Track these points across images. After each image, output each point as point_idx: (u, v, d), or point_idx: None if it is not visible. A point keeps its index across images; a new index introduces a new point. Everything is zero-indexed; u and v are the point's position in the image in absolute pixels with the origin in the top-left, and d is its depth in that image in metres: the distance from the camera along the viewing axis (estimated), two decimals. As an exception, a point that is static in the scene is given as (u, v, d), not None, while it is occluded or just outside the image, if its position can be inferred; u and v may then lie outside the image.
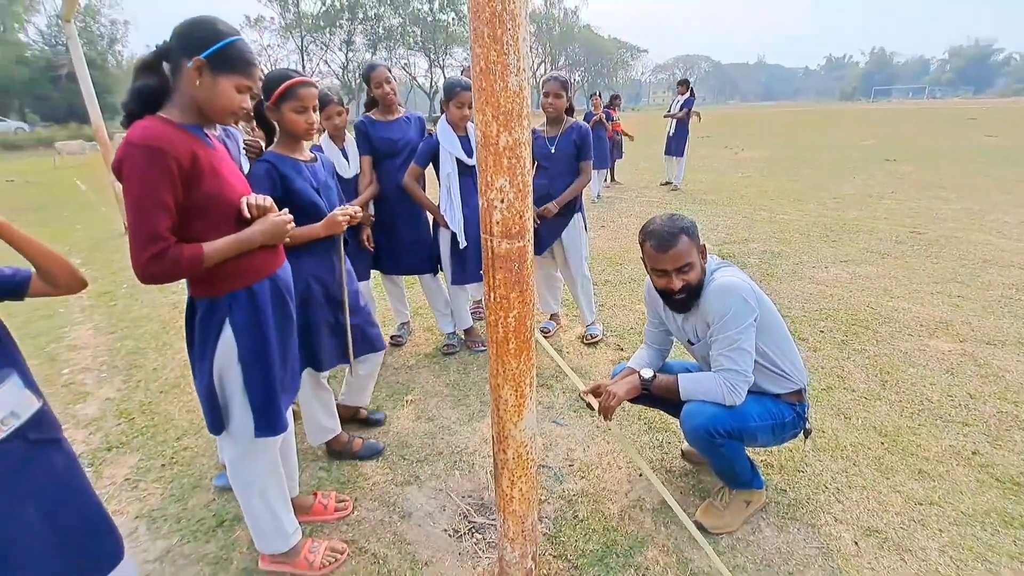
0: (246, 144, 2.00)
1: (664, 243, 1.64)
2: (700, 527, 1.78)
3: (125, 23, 39.28)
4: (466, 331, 3.25)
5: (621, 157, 9.62)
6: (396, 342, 3.33)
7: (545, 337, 3.33)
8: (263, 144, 1.94)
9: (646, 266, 1.75)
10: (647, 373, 1.80)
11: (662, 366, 2.00)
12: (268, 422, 1.45)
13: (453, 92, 2.73)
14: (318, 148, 2.66)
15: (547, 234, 3.10)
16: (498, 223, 1.20)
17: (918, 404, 2.47)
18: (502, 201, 1.18)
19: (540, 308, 3.49)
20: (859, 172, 9.60)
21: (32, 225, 7.55)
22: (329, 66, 44.55)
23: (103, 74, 31.19)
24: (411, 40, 47.45)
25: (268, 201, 1.39)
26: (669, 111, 8.81)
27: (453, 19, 45.79)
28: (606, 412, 1.75)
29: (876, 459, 2.10)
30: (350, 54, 44.77)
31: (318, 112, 1.82)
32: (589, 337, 3.24)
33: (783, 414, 1.74)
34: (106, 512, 1.23)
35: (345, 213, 1.86)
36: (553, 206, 2.95)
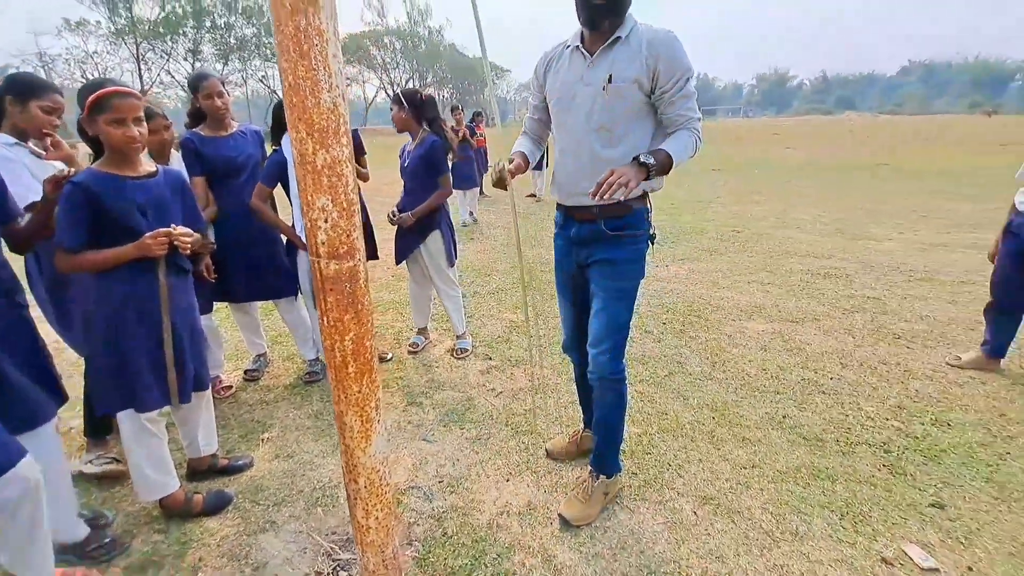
0: (52, 177, 1.63)
1: None
2: (564, 520, 1.86)
3: None
4: (329, 357, 3.08)
5: (488, 171, 9.88)
6: (251, 377, 3.03)
7: (414, 352, 3.29)
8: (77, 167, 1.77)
9: None
10: (648, 158, 1.55)
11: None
12: None
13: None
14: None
15: (402, 247, 3.17)
16: (323, 243, 1.16)
17: (740, 380, 2.85)
18: (326, 221, 1.15)
19: (413, 323, 3.46)
20: (690, 181, 10.91)
21: None
22: (173, 77, 39.65)
23: None
24: (268, 51, 44.15)
25: None
26: (528, 127, 9.27)
27: (312, 31, 43.53)
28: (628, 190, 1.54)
29: (709, 433, 2.38)
30: (198, 64, 40.28)
31: (144, 125, 1.65)
32: (459, 352, 3.26)
33: (641, 253, 1.88)
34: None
35: (158, 236, 1.64)
36: (409, 217, 2.98)
